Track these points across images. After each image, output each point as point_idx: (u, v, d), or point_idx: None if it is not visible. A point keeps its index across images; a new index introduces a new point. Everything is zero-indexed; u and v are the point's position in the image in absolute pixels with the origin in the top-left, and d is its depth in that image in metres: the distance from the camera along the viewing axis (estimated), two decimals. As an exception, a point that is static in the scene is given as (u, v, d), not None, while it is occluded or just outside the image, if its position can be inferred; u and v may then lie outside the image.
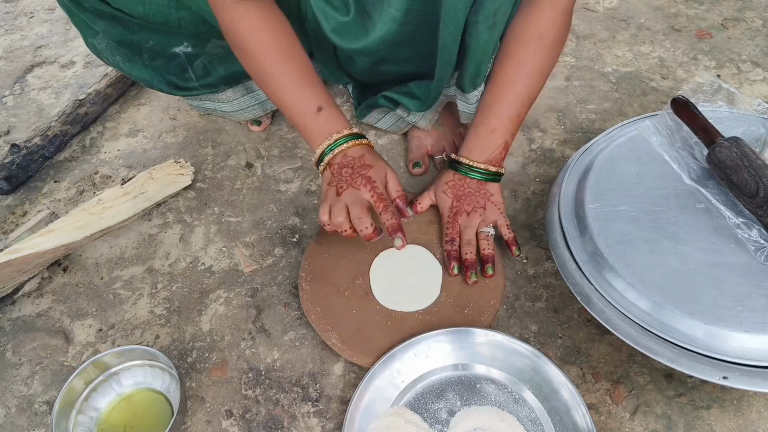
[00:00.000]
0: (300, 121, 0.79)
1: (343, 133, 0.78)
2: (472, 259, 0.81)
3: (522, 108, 0.80)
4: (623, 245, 0.70)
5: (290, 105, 0.79)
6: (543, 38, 0.76)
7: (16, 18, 1.47)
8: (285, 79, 0.78)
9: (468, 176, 0.83)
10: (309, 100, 0.78)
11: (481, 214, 0.83)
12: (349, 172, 0.77)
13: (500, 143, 0.81)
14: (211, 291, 0.87)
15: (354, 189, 0.76)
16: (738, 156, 0.70)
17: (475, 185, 0.83)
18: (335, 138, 0.78)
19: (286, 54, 0.78)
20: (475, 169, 0.82)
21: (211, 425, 0.74)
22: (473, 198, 0.83)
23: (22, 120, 1.18)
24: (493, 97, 0.81)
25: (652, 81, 1.15)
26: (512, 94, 0.79)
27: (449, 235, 0.83)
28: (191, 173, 1.01)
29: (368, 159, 0.78)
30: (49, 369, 0.80)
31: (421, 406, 0.71)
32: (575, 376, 0.75)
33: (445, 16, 0.73)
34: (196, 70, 0.97)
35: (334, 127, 0.79)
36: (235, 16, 0.75)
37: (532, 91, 0.80)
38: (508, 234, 0.83)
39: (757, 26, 1.27)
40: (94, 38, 0.92)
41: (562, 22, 0.76)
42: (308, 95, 0.78)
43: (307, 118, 0.78)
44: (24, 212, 1.01)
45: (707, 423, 0.71)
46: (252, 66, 0.79)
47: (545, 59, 0.78)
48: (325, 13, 0.84)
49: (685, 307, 0.63)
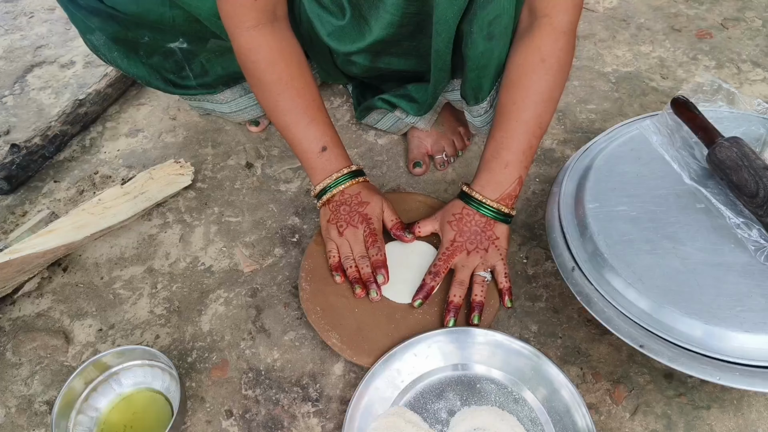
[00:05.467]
0: (304, 157, 0.82)
1: (342, 172, 0.81)
2: (458, 303, 0.76)
3: (533, 139, 0.76)
4: (623, 245, 0.70)
5: (296, 141, 0.81)
6: (545, 62, 0.73)
7: (16, 18, 1.47)
8: (295, 115, 0.80)
9: (479, 211, 0.78)
10: (315, 138, 0.81)
11: (482, 256, 0.77)
12: (347, 210, 0.81)
13: (515, 178, 0.77)
14: (211, 291, 0.87)
15: (353, 228, 0.80)
16: (738, 156, 0.70)
17: (483, 224, 0.78)
18: (335, 177, 0.81)
19: (299, 89, 0.79)
20: (487, 206, 0.77)
21: (211, 425, 0.74)
22: (477, 238, 0.78)
23: (22, 120, 1.18)
24: (503, 129, 0.77)
25: (652, 81, 1.15)
26: (522, 124, 0.75)
27: (436, 267, 0.78)
28: (191, 173, 1.01)
29: (364, 196, 0.81)
30: (49, 369, 0.80)
31: (421, 406, 0.71)
32: (575, 376, 0.75)
33: (437, 23, 0.73)
34: (194, 69, 0.97)
35: (335, 166, 0.81)
36: (253, 44, 0.76)
37: (542, 119, 0.76)
38: (504, 283, 0.78)
39: (757, 26, 1.27)
40: (92, 35, 0.92)
41: (564, 43, 0.73)
42: (315, 133, 0.81)
43: (312, 156, 0.81)
44: (24, 212, 1.01)
45: (707, 423, 0.71)
46: (264, 97, 0.80)
47: (551, 85, 0.75)
48: (320, 18, 0.84)
49: (685, 307, 0.63)
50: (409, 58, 0.90)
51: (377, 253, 0.79)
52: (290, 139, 0.82)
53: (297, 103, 0.79)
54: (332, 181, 0.81)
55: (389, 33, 0.79)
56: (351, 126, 1.11)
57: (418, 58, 0.88)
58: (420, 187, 0.99)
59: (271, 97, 0.79)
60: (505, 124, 0.77)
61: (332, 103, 1.15)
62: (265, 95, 0.80)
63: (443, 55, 0.77)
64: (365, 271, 0.79)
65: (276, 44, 0.77)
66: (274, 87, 0.78)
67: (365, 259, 0.79)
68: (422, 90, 0.92)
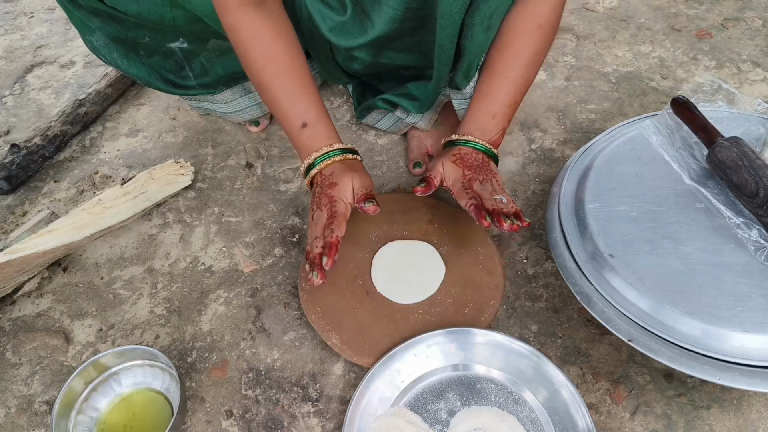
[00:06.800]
0: (289, 135, 0.81)
1: (321, 151, 0.78)
2: (500, 209, 0.73)
3: (519, 95, 0.80)
4: (623, 245, 0.70)
5: (280, 117, 0.80)
6: (542, 27, 0.76)
7: (16, 18, 1.47)
8: (278, 90, 0.78)
9: (475, 148, 0.79)
10: (296, 115, 0.78)
11: (492, 185, 0.77)
12: (319, 192, 0.77)
13: (500, 128, 0.80)
14: (211, 291, 0.87)
15: (319, 211, 0.76)
16: (738, 156, 0.70)
17: (482, 159, 0.79)
18: (314, 157, 0.78)
19: (283, 65, 0.78)
20: (480, 144, 0.79)
21: (211, 425, 0.74)
22: (482, 171, 0.78)
23: (22, 120, 1.18)
24: (491, 85, 0.80)
25: (652, 81, 1.15)
26: (510, 82, 0.79)
27: (470, 194, 0.75)
28: (191, 173, 1.01)
29: (336, 176, 0.77)
30: (49, 369, 0.80)
31: (421, 407, 0.71)
32: (575, 376, 0.75)
33: (441, 18, 0.73)
34: (194, 69, 0.97)
35: (315, 144, 0.79)
36: (236, 21, 0.75)
37: (529, 78, 0.80)
38: (514, 207, 0.75)
39: (757, 26, 1.27)
40: (92, 36, 0.92)
41: (559, 9, 0.77)
42: (296, 110, 0.78)
43: (293, 134, 0.79)
44: (24, 212, 1.01)
45: (707, 423, 0.71)
46: (250, 74, 0.80)
47: (543, 47, 0.79)
48: (321, 13, 0.84)
49: (685, 307, 0.63)
50: (410, 53, 0.89)
51: (330, 235, 0.73)
52: (276, 115, 0.81)
53: (280, 80, 0.78)
54: (312, 161, 0.78)
55: (392, 28, 0.79)
56: (351, 126, 1.11)
57: (419, 53, 0.88)
58: (420, 187, 0.99)
59: (254, 74, 0.78)
60: (493, 80, 0.80)
61: (332, 103, 1.15)
62: (250, 71, 0.79)
63: (447, 50, 0.77)
64: (314, 252, 0.72)
65: (260, 20, 0.76)
66: (256, 63, 0.77)
67: (318, 240, 0.73)
68: (423, 88, 0.92)
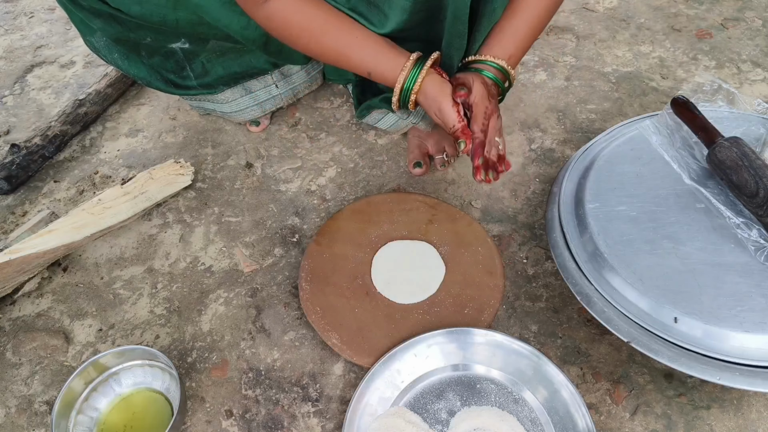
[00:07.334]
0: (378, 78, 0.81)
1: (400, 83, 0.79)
2: (494, 161, 0.77)
3: (532, 40, 0.83)
4: (623, 245, 0.70)
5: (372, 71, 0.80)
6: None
7: (16, 18, 1.47)
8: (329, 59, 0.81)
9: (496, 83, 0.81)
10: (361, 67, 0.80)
11: (499, 121, 0.80)
12: None
13: (514, 62, 0.82)
14: (211, 291, 0.87)
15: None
16: (738, 156, 0.70)
17: (495, 92, 0.80)
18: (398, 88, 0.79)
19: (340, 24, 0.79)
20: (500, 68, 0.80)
21: (211, 425, 0.74)
22: (495, 105, 0.80)
23: (22, 120, 1.18)
24: (509, 24, 0.81)
25: (652, 81, 1.15)
26: (528, 26, 0.81)
27: (484, 126, 0.77)
28: (191, 173, 1.01)
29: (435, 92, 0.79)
30: (49, 369, 0.80)
31: (421, 407, 0.71)
32: (575, 376, 0.75)
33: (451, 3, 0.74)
34: (194, 69, 0.97)
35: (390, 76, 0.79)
36: (269, 12, 0.76)
37: (544, 24, 0.82)
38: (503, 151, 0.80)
39: (757, 26, 1.27)
40: (92, 36, 0.92)
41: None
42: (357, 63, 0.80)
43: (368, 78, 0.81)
44: (24, 212, 1.01)
45: (707, 423, 0.71)
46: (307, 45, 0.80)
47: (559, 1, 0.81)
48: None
49: (685, 307, 0.63)
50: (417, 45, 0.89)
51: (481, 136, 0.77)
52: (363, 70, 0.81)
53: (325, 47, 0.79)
54: (405, 83, 0.79)
55: (403, 20, 0.80)
56: (351, 126, 1.11)
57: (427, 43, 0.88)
58: (420, 187, 0.99)
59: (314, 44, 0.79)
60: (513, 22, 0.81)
61: (332, 103, 1.15)
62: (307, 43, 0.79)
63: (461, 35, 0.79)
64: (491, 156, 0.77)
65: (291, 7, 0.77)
66: (299, 41, 0.79)
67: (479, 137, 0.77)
68: None
